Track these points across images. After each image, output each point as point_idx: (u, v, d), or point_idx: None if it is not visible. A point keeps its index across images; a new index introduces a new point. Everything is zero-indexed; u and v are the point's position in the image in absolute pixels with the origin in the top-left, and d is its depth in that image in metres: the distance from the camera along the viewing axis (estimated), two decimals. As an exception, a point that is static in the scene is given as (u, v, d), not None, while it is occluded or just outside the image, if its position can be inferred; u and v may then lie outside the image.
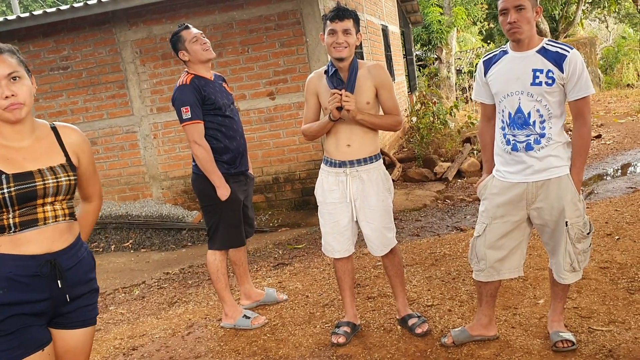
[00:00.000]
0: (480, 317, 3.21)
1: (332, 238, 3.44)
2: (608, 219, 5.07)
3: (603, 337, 3.08)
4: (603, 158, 8.91)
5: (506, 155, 2.91)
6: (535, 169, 2.82)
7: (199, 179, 3.75)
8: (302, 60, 7.10)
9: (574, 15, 15.97)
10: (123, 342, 3.96)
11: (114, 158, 7.80)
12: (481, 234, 3.02)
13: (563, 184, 2.81)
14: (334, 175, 3.33)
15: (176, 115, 3.69)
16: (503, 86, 2.87)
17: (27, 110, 2.00)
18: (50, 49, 7.64)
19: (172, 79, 7.42)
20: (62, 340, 2.12)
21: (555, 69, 2.74)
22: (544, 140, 2.80)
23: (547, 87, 2.76)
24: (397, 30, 13.82)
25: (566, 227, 2.82)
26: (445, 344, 3.21)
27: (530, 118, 2.80)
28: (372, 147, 3.30)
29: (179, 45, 3.75)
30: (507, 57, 2.89)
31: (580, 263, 2.90)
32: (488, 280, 3.08)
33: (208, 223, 3.85)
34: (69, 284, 2.06)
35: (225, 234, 3.82)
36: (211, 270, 3.87)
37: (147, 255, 6.62)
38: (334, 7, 3.25)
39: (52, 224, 2.03)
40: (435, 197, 7.43)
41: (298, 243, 6.01)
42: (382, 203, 3.32)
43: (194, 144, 3.63)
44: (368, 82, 3.24)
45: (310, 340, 3.54)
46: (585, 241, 2.87)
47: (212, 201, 3.73)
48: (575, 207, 2.81)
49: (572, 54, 2.75)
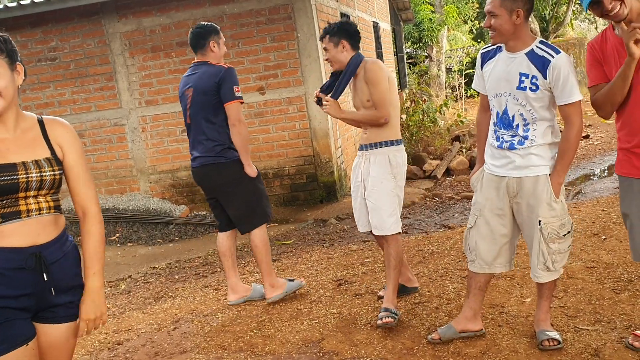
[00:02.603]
0: (465, 309, 3.22)
1: (355, 212, 3.80)
2: (595, 219, 5.09)
3: (589, 336, 3.09)
4: (591, 158, 8.97)
5: (494, 149, 2.98)
6: (517, 164, 2.88)
7: (226, 165, 3.86)
8: (293, 55, 7.08)
9: (564, 16, 16.04)
10: (108, 337, 3.93)
11: (102, 151, 7.73)
12: (473, 225, 3.10)
13: (540, 183, 2.85)
14: (357, 158, 3.73)
15: (215, 94, 3.80)
16: (494, 85, 2.91)
17: (4, 104, 1.92)
18: (38, 40, 7.55)
19: (161, 71, 7.37)
20: (46, 334, 2.08)
21: (539, 75, 2.76)
22: (527, 142, 2.86)
23: (532, 93, 2.78)
24: (389, 28, 13.81)
25: (539, 226, 2.86)
26: (433, 340, 3.21)
27: (513, 121, 2.86)
28: (384, 134, 3.56)
29: (214, 35, 3.95)
30: (501, 56, 2.92)
31: (555, 263, 2.92)
32: (479, 271, 3.13)
33: (243, 205, 3.93)
34: (54, 278, 2.03)
35: (265, 206, 4.03)
36: (262, 245, 3.98)
37: (133, 249, 6.57)
38: None
39: (36, 217, 1.99)
40: (424, 195, 7.44)
41: (286, 239, 5.99)
42: (381, 184, 3.53)
43: (240, 122, 3.83)
44: (363, 80, 3.52)
45: (297, 337, 3.52)
46: (561, 242, 2.89)
47: (244, 181, 3.89)
48: (551, 208, 2.84)
49: (557, 59, 2.73)
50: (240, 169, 3.85)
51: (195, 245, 6.39)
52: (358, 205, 3.73)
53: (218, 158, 3.84)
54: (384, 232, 3.55)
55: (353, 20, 9.49)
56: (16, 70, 1.97)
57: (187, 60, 7.27)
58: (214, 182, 3.92)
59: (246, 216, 3.96)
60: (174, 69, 7.35)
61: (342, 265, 4.76)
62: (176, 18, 7.24)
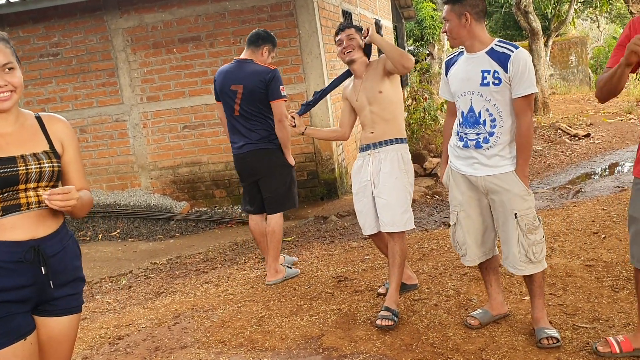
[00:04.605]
0: (495, 296, 3.36)
1: (359, 216, 3.82)
2: (595, 218, 5.10)
3: (587, 334, 3.11)
4: (591, 157, 8.98)
5: (458, 149, 3.12)
6: (483, 163, 3.01)
7: (274, 151, 4.38)
8: (295, 52, 7.08)
9: (566, 14, 15.99)
10: (109, 331, 3.95)
11: (103, 147, 7.74)
12: (456, 222, 3.23)
13: (509, 178, 2.98)
14: (362, 158, 3.74)
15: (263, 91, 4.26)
16: (458, 86, 3.07)
17: (16, 99, 2.02)
18: (40, 35, 7.56)
19: (163, 68, 7.37)
20: (46, 327, 2.10)
21: (500, 69, 2.91)
22: (492, 139, 2.98)
23: (495, 87, 2.93)
24: (390, 25, 13.81)
25: (516, 218, 2.98)
26: (472, 326, 3.30)
27: (480, 117, 2.99)
28: (392, 132, 3.63)
29: (270, 45, 4.46)
30: (462, 58, 3.09)
31: (535, 254, 3.02)
32: (474, 264, 3.28)
33: (281, 187, 4.42)
34: (53, 271, 2.05)
35: (295, 194, 4.55)
36: (278, 231, 4.42)
37: (134, 245, 6.59)
38: None
39: (36, 210, 2.02)
40: (424, 193, 7.45)
41: (287, 236, 6.01)
42: (395, 180, 3.58)
43: (285, 118, 4.17)
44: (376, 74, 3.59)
45: (297, 333, 3.54)
46: (536, 232, 3.01)
47: (285, 168, 4.43)
48: (524, 200, 2.98)
49: (516, 53, 2.90)
50: (283, 156, 4.41)
51: (196, 242, 6.40)
52: (364, 207, 3.73)
53: (269, 144, 4.36)
54: (399, 229, 3.56)
55: (355, 17, 9.49)
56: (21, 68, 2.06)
57: (188, 57, 7.29)
58: (261, 164, 4.38)
59: (280, 198, 4.44)
60: (176, 65, 7.36)
61: (342, 262, 4.78)
62: (178, 14, 7.24)
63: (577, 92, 18.57)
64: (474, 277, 4.00)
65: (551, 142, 10.38)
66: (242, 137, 4.39)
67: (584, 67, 20.52)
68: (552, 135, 10.87)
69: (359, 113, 3.74)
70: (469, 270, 4.13)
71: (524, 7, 12.83)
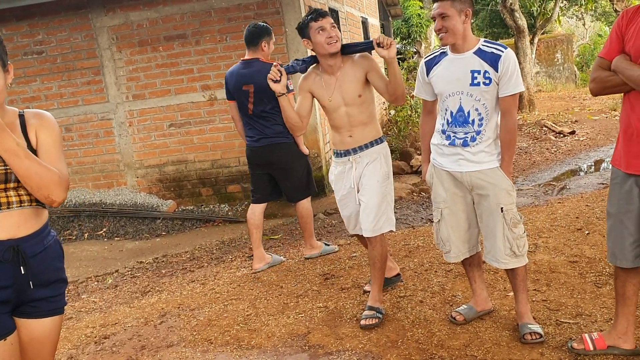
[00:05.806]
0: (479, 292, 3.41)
1: (346, 221, 3.79)
2: (579, 214, 5.15)
3: (570, 329, 3.14)
4: (576, 154, 9.05)
5: (444, 147, 3.14)
6: (469, 159, 3.05)
7: (290, 145, 4.65)
8: (281, 50, 7.07)
9: (551, 12, 16.08)
10: (95, 331, 3.93)
11: (89, 145, 7.69)
12: (440, 219, 3.25)
13: (495, 173, 3.03)
14: (342, 164, 3.62)
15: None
16: (445, 87, 3.06)
17: None
18: (24, 33, 7.49)
19: (149, 66, 7.34)
20: (27, 329, 2.08)
21: (491, 69, 2.94)
22: (479, 137, 3.03)
23: (485, 87, 2.96)
24: (377, 23, 13.83)
25: (502, 212, 3.02)
26: (457, 322, 3.33)
27: (469, 117, 3.02)
28: (372, 133, 3.55)
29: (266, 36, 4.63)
30: (447, 59, 3.07)
31: (519, 248, 3.06)
32: (454, 261, 3.32)
33: (301, 176, 4.74)
34: (33, 272, 2.03)
35: (313, 180, 4.88)
36: (306, 214, 4.79)
37: (120, 243, 6.56)
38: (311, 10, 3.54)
39: (17, 209, 1.99)
40: (411, 190, 7.48)
41: (274, 234, 6.01)
42: (377, 183, 3.50)
43: None
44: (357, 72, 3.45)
45: (283, 330, 3.55)
46: (519, 226, 3.06)
47: (301, 158, 4.75)
48: (509, 195, 3.04)
49: (506, 53, 2.94)
50: (297, 148, 4.71)
51: (182, 240, 6.39)
52: (351, 211, 3.66)
53: (284, 139, 4.60)
54: (376, 233, 3.49)
55: (342, 15, 9.49)
56: (7, 70, 1.99)
57: (174, 55, 7.26)
58: (277, 157, 4.64)
59: (301, 187, 4.76)
60: (161, 63, 7.32)
61: (329, 260, 4.79)
62: (164, 12, 7.21)
63: (563, 90, 18.71)
64: (459, 274, 4.03)
65: (536, 139, 10.45)
66: (258, 132, 4.64)
67: (569, 65, 20.66)
68: (538, 132, 10.94)
69: (331, 112, 3.52)
70: (454, 266, 4.15)
71: (509, 5, 12.89)
